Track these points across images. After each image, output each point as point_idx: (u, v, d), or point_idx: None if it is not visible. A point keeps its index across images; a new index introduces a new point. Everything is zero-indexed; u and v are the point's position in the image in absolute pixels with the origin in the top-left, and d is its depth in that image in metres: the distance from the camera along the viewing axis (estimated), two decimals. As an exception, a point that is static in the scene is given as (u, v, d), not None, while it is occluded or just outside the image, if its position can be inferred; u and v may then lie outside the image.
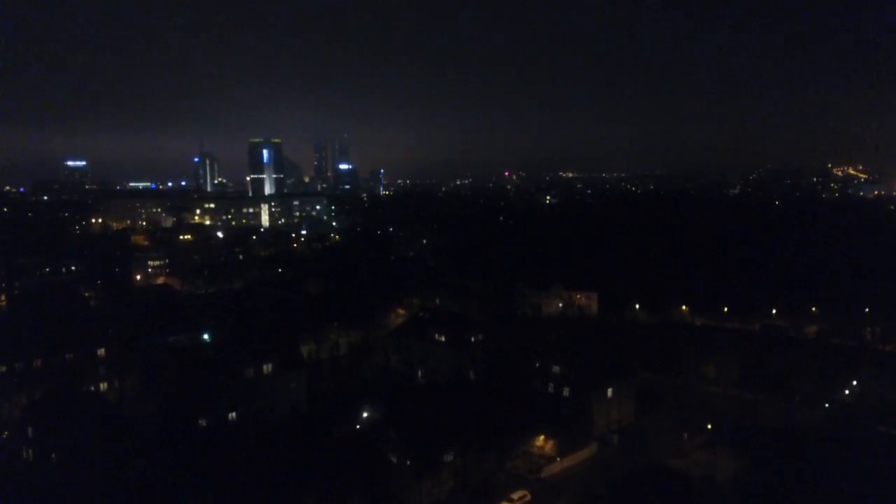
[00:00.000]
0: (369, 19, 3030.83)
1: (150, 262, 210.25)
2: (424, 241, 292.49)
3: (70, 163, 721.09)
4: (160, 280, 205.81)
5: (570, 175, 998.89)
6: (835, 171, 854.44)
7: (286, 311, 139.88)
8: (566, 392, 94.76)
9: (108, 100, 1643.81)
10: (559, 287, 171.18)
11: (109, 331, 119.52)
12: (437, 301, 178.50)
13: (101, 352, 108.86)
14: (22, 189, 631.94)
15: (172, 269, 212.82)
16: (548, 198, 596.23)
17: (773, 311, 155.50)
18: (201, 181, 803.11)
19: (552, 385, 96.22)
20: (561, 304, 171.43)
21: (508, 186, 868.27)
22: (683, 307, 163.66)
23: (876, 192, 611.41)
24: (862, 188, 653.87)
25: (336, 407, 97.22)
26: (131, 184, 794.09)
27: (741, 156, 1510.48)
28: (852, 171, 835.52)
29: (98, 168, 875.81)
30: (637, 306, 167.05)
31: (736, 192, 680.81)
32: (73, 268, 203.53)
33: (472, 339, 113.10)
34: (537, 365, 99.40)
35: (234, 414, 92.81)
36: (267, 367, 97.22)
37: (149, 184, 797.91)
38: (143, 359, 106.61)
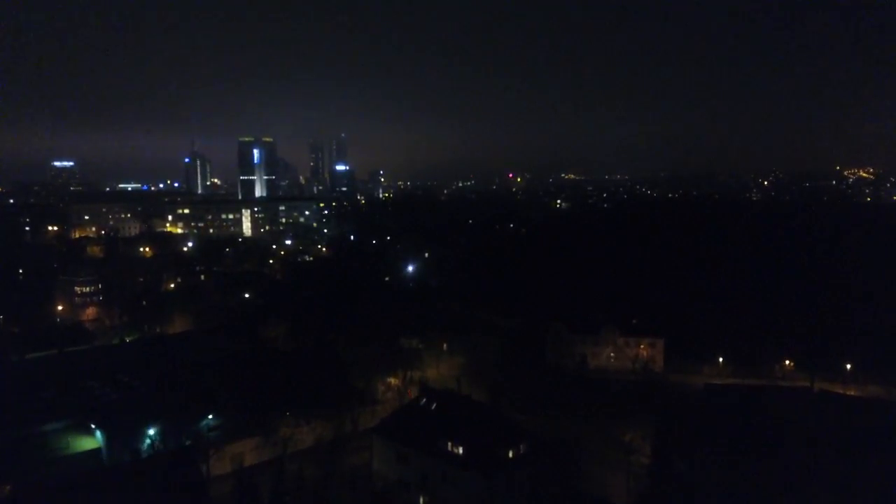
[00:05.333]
0: (369, 14, 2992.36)
1: (80, 289, 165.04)
2: (426, 255, 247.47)
3: (57, 163, 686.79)
4: (88, 312, 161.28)
5: (573, 177, 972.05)
6: (845, 172, 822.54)
7: (224, 378, 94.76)
8: None
9: (101, 98, 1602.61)
10: (613, 330, 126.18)
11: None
12: (445, 346, 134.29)
13: None
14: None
15: (109, 295, 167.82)
16: (558, 202, 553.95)
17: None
18: (192, 182, 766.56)
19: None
20: (613, 354, 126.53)
21: (514, 189, 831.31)
22: (787, 361, 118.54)
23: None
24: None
25: None
26: (120, 185, 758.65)
27: (743, 157, 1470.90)
28: (863, 174, 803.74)
29: (89, 168, 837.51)
30: (720, 359, 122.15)
31: (757, 196, 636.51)
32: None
33: (510, 453, 68.03)
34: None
35: None
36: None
37: (139, 185, 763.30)
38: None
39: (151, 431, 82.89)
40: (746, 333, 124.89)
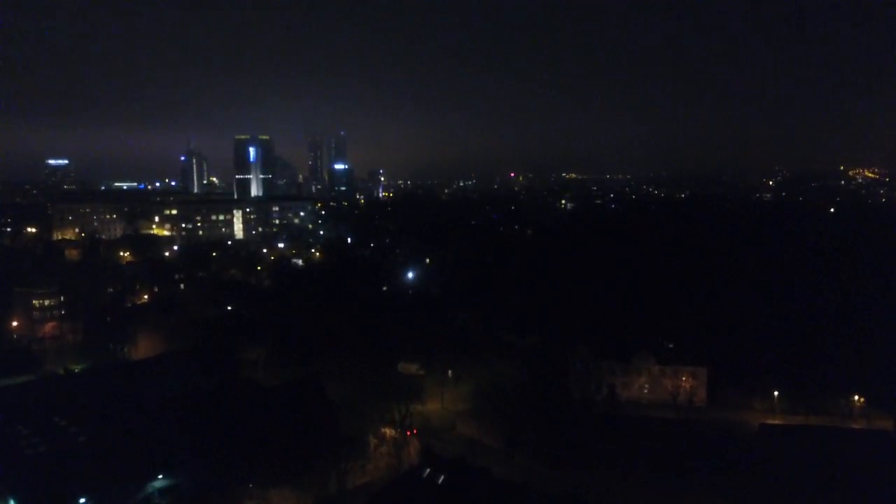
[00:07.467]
0: (369, 11, 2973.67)
1: (38, 302, 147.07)
2: (427, 260, 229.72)
3: (52, 161, 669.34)
4: (47, 329, 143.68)
5: (574, 176, 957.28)
6: (849, 172, 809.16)
7: (185, 422, 77.00)
8: None
9: (98, 97, 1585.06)
10: (646, 357, 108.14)
11: None
12: (450, 373, 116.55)
13: None
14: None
15: (73, 309, 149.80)
16: (563, 202, 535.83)
17: None
18: (189, 181, 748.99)
19: None
20: (647, 385, 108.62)
21: (516, 188, 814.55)
22: (856, 396, 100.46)
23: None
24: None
25: None
26: (116, 183, 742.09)
27: (743, 157, 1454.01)
28: (868, 174, 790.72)
29: (86, 167, 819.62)
30: (775, 392, 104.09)
31: (768, 197, 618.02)
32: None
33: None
34: None
35: None
36: None
37: (135, 183, 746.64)
38: None
39: (82, 502, 65.30)
40: (802, 359, 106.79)
